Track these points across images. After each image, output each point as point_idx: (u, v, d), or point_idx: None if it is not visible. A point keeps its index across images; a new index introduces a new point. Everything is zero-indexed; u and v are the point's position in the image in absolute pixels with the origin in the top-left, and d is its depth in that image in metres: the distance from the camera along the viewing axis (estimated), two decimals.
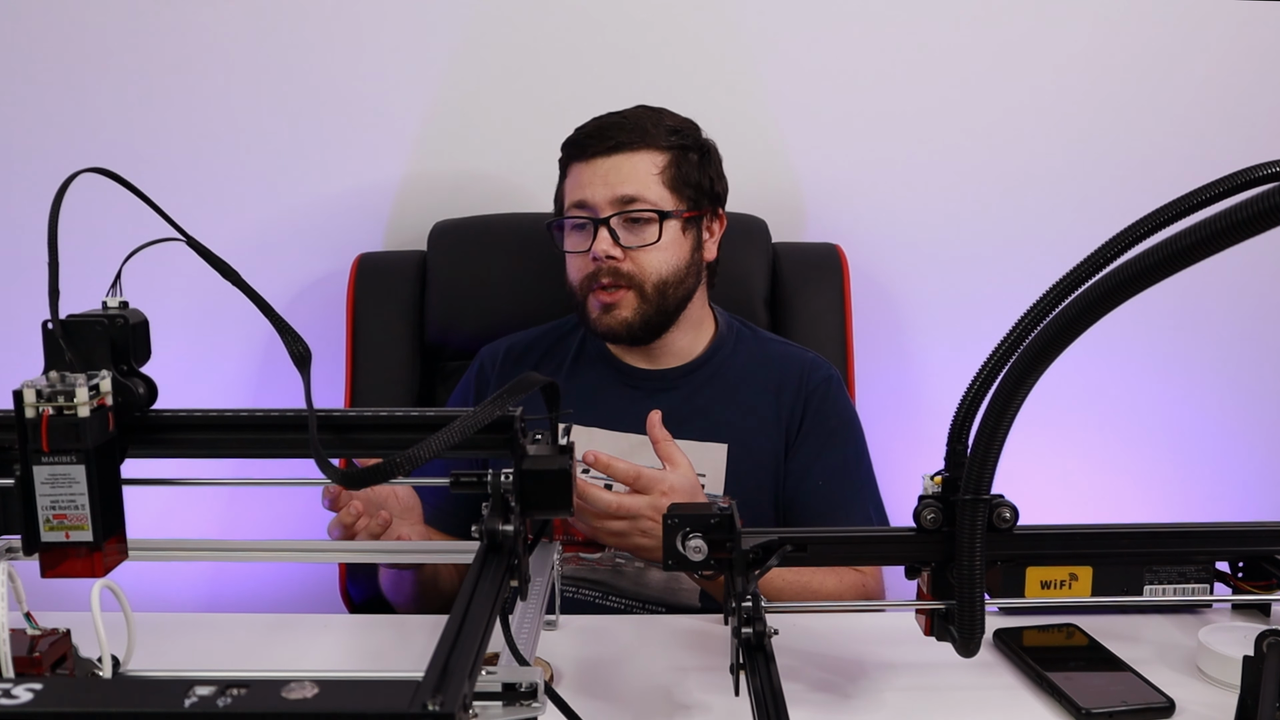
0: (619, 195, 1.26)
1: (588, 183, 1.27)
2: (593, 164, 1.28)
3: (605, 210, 1.26)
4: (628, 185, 1.26)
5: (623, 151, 1.27)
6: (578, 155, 1.30)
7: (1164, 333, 1.76)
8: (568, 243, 1.31)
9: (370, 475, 0.62)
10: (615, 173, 1.27)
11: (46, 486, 0.65)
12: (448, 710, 0.47)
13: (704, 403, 1.32)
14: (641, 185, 1.27)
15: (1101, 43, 1.67)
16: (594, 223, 1.27)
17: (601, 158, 1.27)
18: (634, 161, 1.27)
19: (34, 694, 0.46)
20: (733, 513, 0.85)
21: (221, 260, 0.73)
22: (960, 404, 0.81)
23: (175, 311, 1.59)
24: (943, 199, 1.71)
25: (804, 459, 1.30)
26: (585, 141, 1.29)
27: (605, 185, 1.26)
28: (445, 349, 1.55)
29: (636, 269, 1.27)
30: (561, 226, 1.32)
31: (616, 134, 1.28)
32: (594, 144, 1.28)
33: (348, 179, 1.67)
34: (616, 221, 1.26)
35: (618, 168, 1.27)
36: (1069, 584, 1.04)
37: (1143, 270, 0.56)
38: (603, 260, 1.26)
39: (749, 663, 0.75)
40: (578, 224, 1.29)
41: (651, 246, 1.27)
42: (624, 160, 1.27)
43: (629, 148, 1.27)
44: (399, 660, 1.00)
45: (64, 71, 1.60)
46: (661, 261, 1.28)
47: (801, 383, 1.33)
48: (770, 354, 1.37)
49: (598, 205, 1.27)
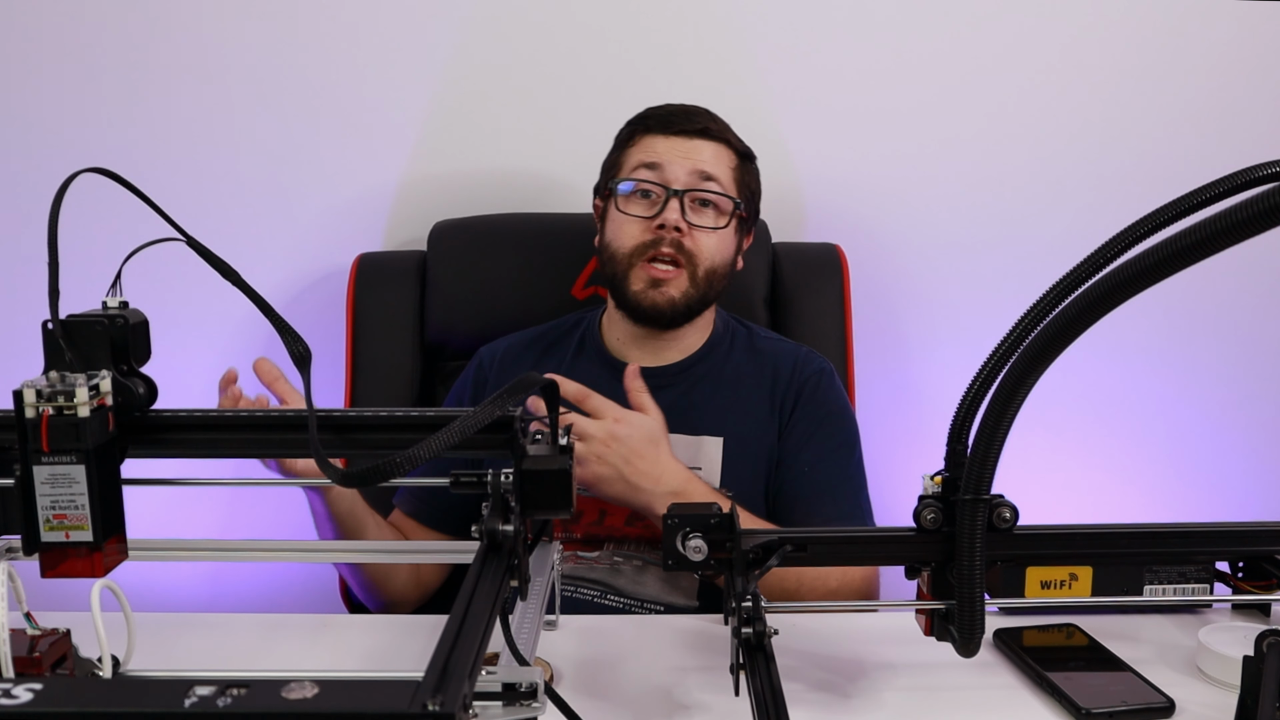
0: (700, 170, 1.28)
1: (665, 152, 1.28)
2: (674, 140, 1.29)
3: (680, 183, 1.27)
4: (708, 164, 1.28)
5: (707, 138, 1.29)
6: (658, 128, 1.30)
7: (1164, 333, 1.76)
8: (629, 206, 1.29)
9: (370, 475, 0.62)
10: (696, 151, 1.28)
11: (46, 486, 0.65)
12: (448, 710, 0.47)
13: (700, 398, 1.32)
14: (720, 170, 1.29)
15: (1101, 43, 1.67)
16: (668, 192, 1.27)
17: (684, 137, 1.29)
18: (715, 148, 1.30)
19: (34, 694, 0.46)
20: (733, 513, 0.85)
21: (221, 260, 0.73)
22: (960, 404, 0.81)
23: (175, 311, 1.59)
24: (943, 199, 1.71)
25: (792, 445, 1.30)
26: (669, 117, 1.30)
27: (686, 159, 1.28)
28: (445, 349, 1.55)
29: (696, 248, 1.27)
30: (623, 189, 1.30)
31: (702, 119, 1.30)
32: (679, 122, 1.30)
33: (348, 179, 1.67)
34: (689, 199, 1.27)
35: (699, 149, 1.29)
36: (1069, 584, 1.04)
37: (1143, 270, 0.56)
38: (669, 230, 1.26)
39: (749, 663, 0.75)
40: (644, 190, 1.29)
41: (715, 231, 1.28)
42: (706, 145, 1.29)
43: (712, 136, 1.30)
44: (399, 660, 1.00)
45: (64, 71, 1.60)
46: (716, 249, 1.29)
47: (794, 374, 1.33)
48: (764, 349, 1.37)
49: (674, 176, 1.27)
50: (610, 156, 1.36)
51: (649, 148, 1.30)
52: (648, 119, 1.32)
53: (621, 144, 1.35)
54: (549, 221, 1.58)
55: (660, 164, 1.28)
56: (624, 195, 1.30)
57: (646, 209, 1.28)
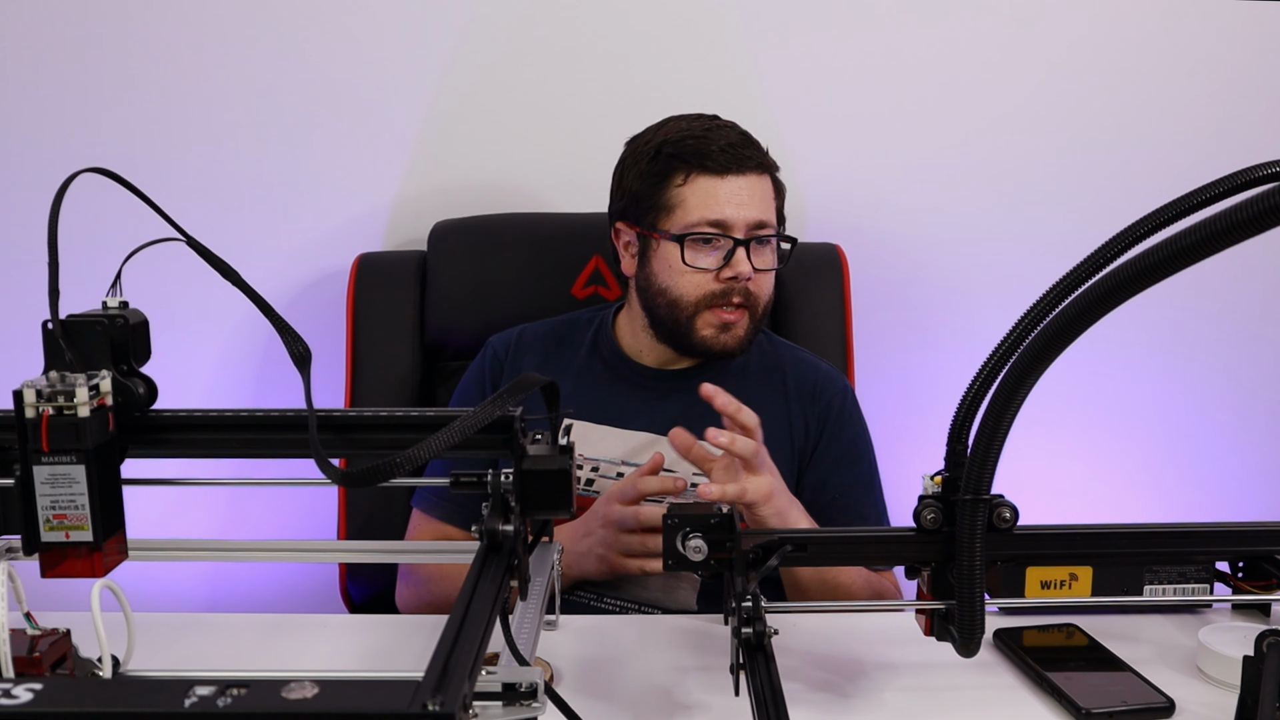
0: (756, 219, 1.26)
1: (726, 201, 1.25)
2: (729, 181, 1.25)
3: (741, 231, 1.25)
4: (761, 209, 1.26)
5: (754, 173, 1.27)
6: (715, 169, 1.25)
7: (1164, 333, 1.76)
8: (695, 258, 1.26)
9: (370, 475, 0.62)
10: (748, 194, 1.26)
11: (46, 486, 0.65)
12: (448, 710, 0.47)
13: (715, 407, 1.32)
14: (769, 210, 1.28)
15: (1102, 43, 1.67)
16: (735, 242, 1.25)
17: (738, 176, 1.26)
18: (762, 185, 1.28)
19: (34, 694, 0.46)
20: (733, 513, 0.85)
21: (221, 260, 0.73)
22: (960, 404, 0.81)
23: (175, 311, 1.59)
24: (943, 199, 1.71)
25: (821, 473, 1.31)
26: (723, 158, 1.25)
27: (745, 207, 1.25)
28: (445, 349, 1.55)
29: (759, 290, 1.28)
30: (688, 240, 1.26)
31: (750, 153, 1.27)
32: (734, 163, 1.25)
33: (348, 179, 1.66)
34: (753, 244, 1.26)
35: (751, 189, 1.26)
36: (1069, 584, 1.04)
37: (1143, 270, 0.56)
38: (742, 281, 1.25)
39: (749, 663, 0.75)
40: (705, 239, 1.26)
41: (772, 271, 1.29)
42: (755, 182, 1.27)
43: (758, 170, 1.27)
44: (399, 660, 1.00)
45: (64, 72, 1.60)
46: (769, 285, 1.30)
47: (815, 395, 1.33)
48: (782, 358, 1.37)
49: (735, 225, 1.25)
50: (647, 185, 1.29)
51: (709, 194, 1.25)
52: (700, 156, 1.26)
53: (663, 177, 1.27)
54: (549, 221, 1.58)
55: (723, 217, 1.24)
56: (689, 246, 1.26)
57: (711, 259, 1.26)
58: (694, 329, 1.28)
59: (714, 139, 1.27)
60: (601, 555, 1.16)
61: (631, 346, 1.36)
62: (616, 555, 1.15)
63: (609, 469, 1.29)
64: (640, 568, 1.15)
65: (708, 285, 1.26)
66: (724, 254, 1.25)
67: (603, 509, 1.17)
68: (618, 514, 1.14)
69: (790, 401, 1.33)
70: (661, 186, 1.28)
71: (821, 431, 1.32)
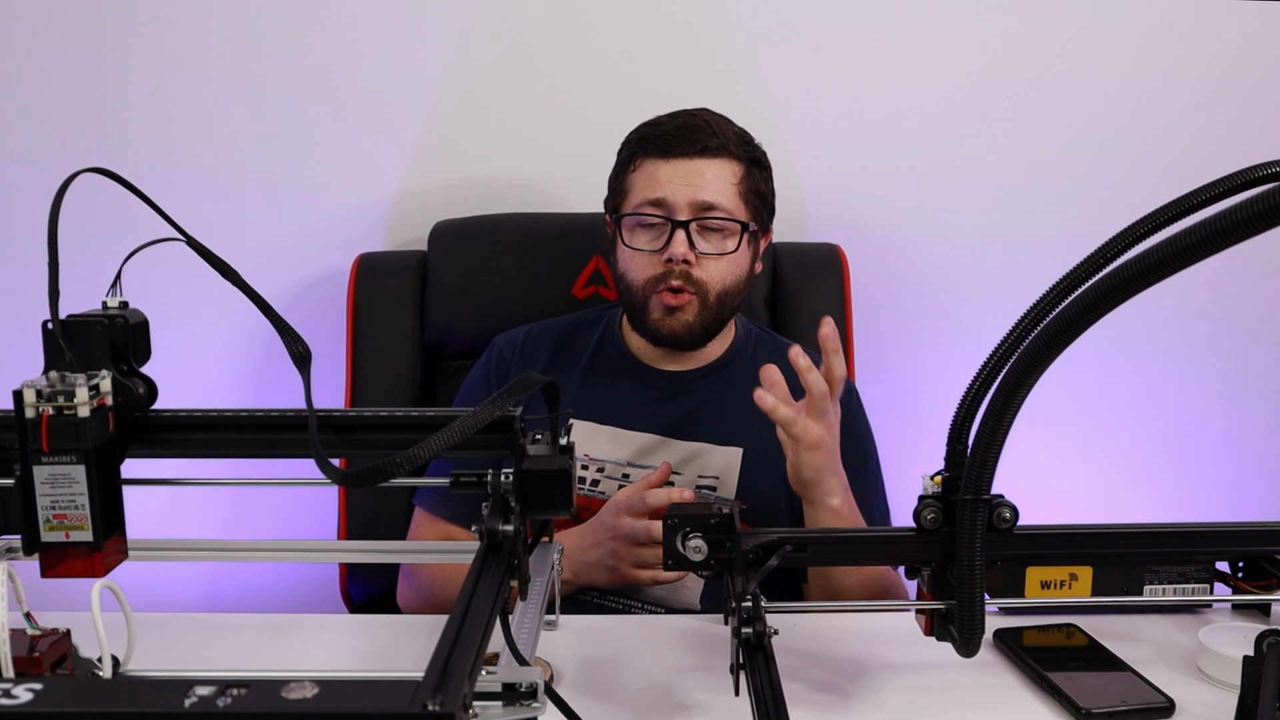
0: (701, 200, 1.24)
1: (667, 181, 1.25)
2: (673, 163, 1.25)
3: (684, 213, 1.24)
4: (710, 191, 1.25)
5: (705, 156, 1.25)
6: (657, 152, 1.26)
7: (1164, 333, 1.76)
8: (636, 239, 1.28)
9: (370, 475, 0.62)
10: (698, 176, 1.25)
11: (46, 486, 0.65)
12: (448, 710, 0.47)
13: (720, 406, 1.32)
14: (722, 193, 1.25)
15: (1101, 43, 1.67)
16: (671, 223, 1.25)
17: (683, 159, 1.25)
18: (716, 168, 1.26)
19: (34, 694, 0.46)
20: (733, 513, 0.85)
21: (221, 260, 0.73)
22: (960, 404, 0.81)
23: (175, 311, 1.59)
24: (943, 199, 1.71)
25: None
26: (667, 139, 1.26)
27: (687, 187, 1.24)
28: (445, 349, 1.55)
29: (706, 276, 1.26)
30: (631, 220, 1.28)
31: (701, 137, 1.25)
32: (677, 144, 1.25)
33: (348, 179, 1.66)
34: (694, 226, 1.25)
35: (700, 172, 1.25)
36: (1069, 584, 1.04)
37: (1143, 270, 0.56)
38: (677, 263, 1.24)
39: (749, 663, 0.75)
40: (648, 222, 1.27)
41: (724, 256, 1.26)
42: (707, 165, 1.25)
43: (712, 153, 1.26)
44: (399, 660, 1.00)
45: (64, 72, 1.60)
46: (728, 272, 1.27)
47: None
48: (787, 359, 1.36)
49: (676, 206, 1.24)
50: (614, 176, 1.33)
51: (650, 176, 1.26)
52: (646, 141, 1.28)
53: (624, 166, 1.31)
54: (549, 221, 1.58)
55: (662, 196, 1.25)
56: (629, 228, 1.28)
57: (653, 241, 1.26)
58: (647, 313, 1.28)
59: (666, 124, 1.28)
60: (612, 567, 1.16)
61: (637, 347, 1.36)
62: (628, 567, 1.15)
63: (614, 470, 1.29)
64: (653, 578, 1.16)
65: (652, 268, 1.26)
66: (666, 238, 1.25)
67: (611, 520, 1.16)
68: (628, 528, 1.14)
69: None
70: (621, 175, 1.31)
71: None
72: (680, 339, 1.28)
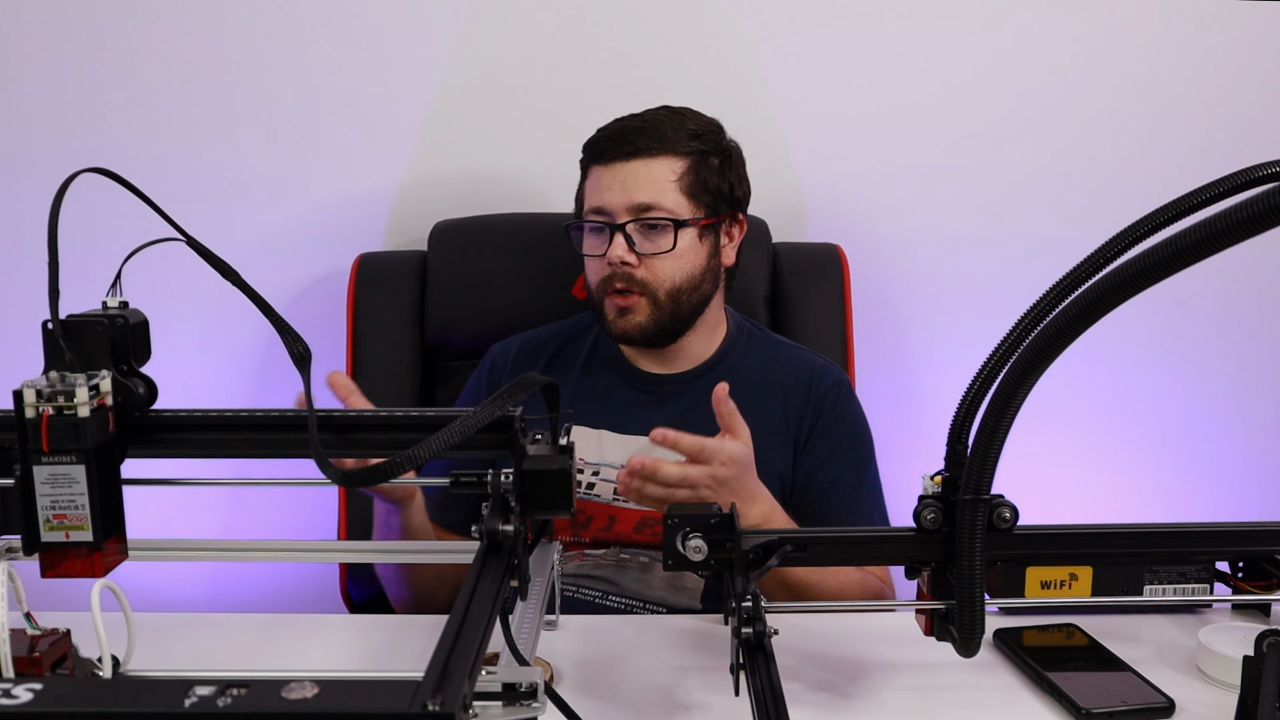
0: (635, 202, 1.26)
1: (605, 188, 1.28)
2: (611, 168, 1.28)
3: (622, 216, 1.26)
4: (643, 193, 1.26)
5: (640, 158, 1.27)
6: (596, 159, 1.30)
7: (1164, 333, 1.76)
8: (586, 245, 1.32)
9: (370, 475, 0.62)
10: (632, 179, 1.27)
11: (46, 486, 0.65)
12: (448, 710, 0.47)
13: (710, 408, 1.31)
14: (658, 193, 1.26)
15: (1101, 43, 1.67)
16: (610, 228, 1.27)
17: (619, 163, 1.27)
18: (651, 168, 1.27)
19: (34, 694, 0.46)
20: (733, 513, 0.85)
21: (221, 260, 0.73)
22: (960, 404, 0.81)
23: (175, 311, 1.59)
24: (943, 199, 1.71)
25: (811, 464, 1.30)
26: (604, 145, 1.29)
27: (622, 191, 1.26)
28: (445, 349, 1.55)
29: (650, 276, 1.27)
30: (580, 228, 1.32)
31: (635, 139, 1.27)
32: (613, 148, 1.28)
33: (348, 179, 1.67)
34: (632, 228, 1.26)
35: (635, 174, 1.27)
36: (1069, 584, 1.04)
37: (1143, 270, 0.56)
38: (617, 266, 1.26)
39: (749, 663, 0.75)
40: (595, 228, 1.30)
41: (666, 254, 1.27)
42: (641, 166, 1.27)
43: (646, 154, 1.27)
44: (399, 660, 1.00)
45: (64, 71, 1.60)
46: (676, 269, 1.28)
47: (811, 389, 1.33)
48: (780, 358, 1.37)
49: (614, 211, 1.27)
50: (577, 189, 1.36)
51: (595, 183, 1.29)
52: (590, 149, 1.31)
53: (582, 176, 1.34)
54: (549, 221, 1.57)
55: (602, 203, 1.28)
56: (585, 236, 1.32)
57: (598, 246, 1.29)
58: (604, 315, 1.31)
59: (606, 130, 1.31)
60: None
61: (631, 351, 1.36)
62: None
63: (610, 473, 1.29)
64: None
65: (602, 272, 1.29)
66: (608, 240, 1.28)
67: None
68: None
69: (788, 400, 1.32)
70: (580, 185, 1.35)
71: (815, 424, 1.32)
72: (633, 338, 1.30)
